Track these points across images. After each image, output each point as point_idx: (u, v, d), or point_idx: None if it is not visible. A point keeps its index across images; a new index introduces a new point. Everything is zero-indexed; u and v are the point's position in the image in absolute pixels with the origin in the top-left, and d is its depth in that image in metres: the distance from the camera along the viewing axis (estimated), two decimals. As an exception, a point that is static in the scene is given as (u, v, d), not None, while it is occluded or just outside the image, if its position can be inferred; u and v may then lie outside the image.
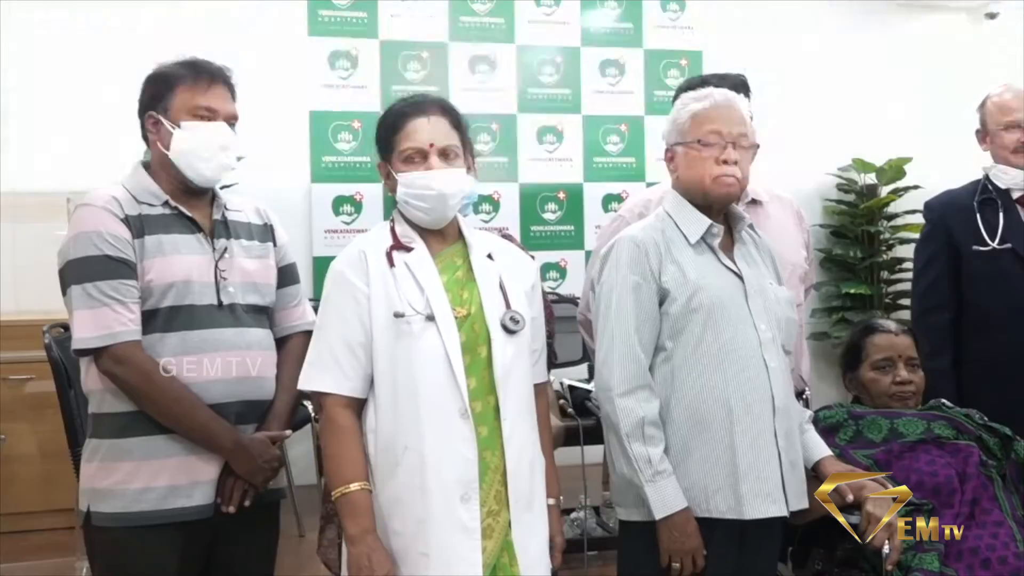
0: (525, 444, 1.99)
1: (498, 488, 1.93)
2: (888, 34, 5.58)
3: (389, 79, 4.94)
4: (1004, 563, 2.17)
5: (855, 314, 5.08)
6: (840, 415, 2.52)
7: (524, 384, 2.02)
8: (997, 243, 2.70)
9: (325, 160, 4.90)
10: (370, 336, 1.92)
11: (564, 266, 5.13)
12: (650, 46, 5.30)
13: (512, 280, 2.05)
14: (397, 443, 1.90)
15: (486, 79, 5.06)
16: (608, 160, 5.22)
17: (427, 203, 1.99)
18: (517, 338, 1.99)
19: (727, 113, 2.16)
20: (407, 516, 1.89)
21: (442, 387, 1.90)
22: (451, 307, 1.95)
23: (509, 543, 1.93)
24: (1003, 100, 2.79)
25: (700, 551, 2.03)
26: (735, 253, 2.19)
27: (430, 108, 2.03)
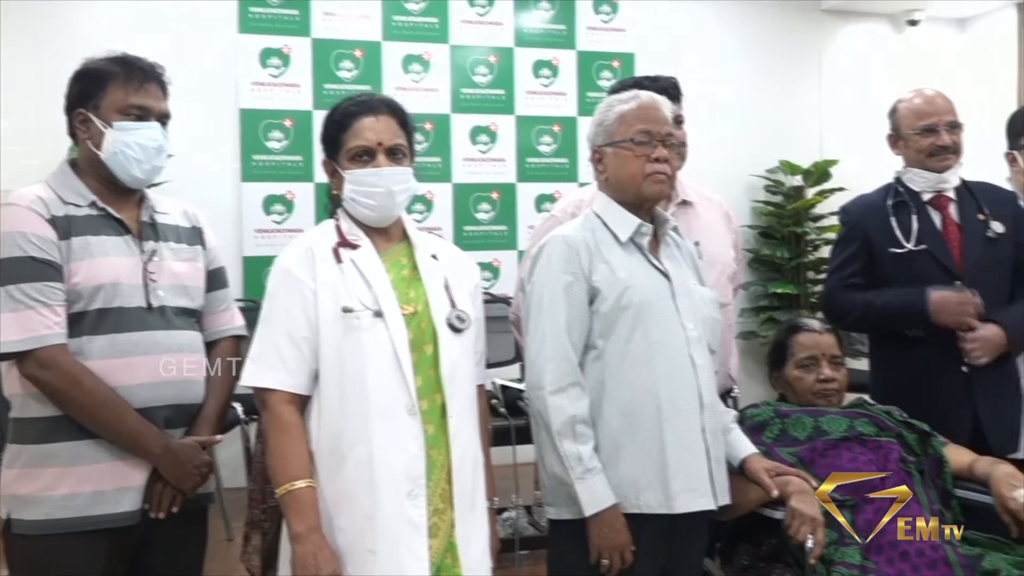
0: (469, 443, 2.01)
1: (443, 486, 1.95)
2: (815, 39, 5.70)
3: (322, 78, 4.91)
4: (922, 555, 2.23)
5: (782, 313, 5.18)
6: (766, 413, 2.57)
7: (469, 383, 2.04)
8: (913, 245, 2.77)
9: (256, 159, 4.84)
10: (316, 331, 1.92)
11: (497, 266, 5.14)
12: (583, 48, 5.34)
13: (456, 280, 2.07)
14: (344, 439, 1.90)
15: (419, 79, 5.05)
16: (541, 160, 5.25)
17: (375, 200, 2.01)
18: (462, 337, 2.01)
19: (654, 113, 2.20)
20: (354, 513, 1.89)
21: (390, 384, 1.91)
22: (398, 304, 1.95)
23: (453, 544, 1.94)
24: (915, 105, 2.84)
25: (629, 547, 2.06)
26: (661, 254, 2.23)
27: (378, 107, 2.04)
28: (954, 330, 2.69)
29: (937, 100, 2.83)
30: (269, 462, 1.93)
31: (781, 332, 2.78)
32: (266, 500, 2.04)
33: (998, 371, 2.76)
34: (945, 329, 2.69)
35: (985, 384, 2.72)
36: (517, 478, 3.32)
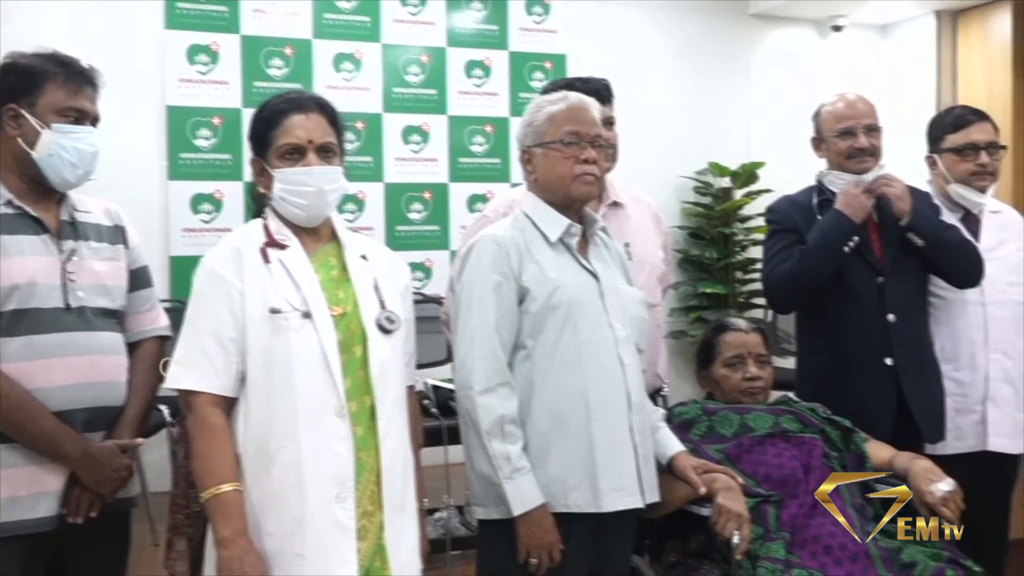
0: (399, 445, 1.99)
1: (372, 489, 1.93)
2: (743, 43, 5.78)
3: (251, 75, 4.84)
4: (844, 549, 2.28)
5: (711, 313, 5.25)
6: (694, 411, 2.61)
7: (398, 385, 2.03)
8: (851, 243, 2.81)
9: (183, 157, 4.76)
10: (243, 332, 1.89)
11: (429, 266, 5.13)
12: (515, 48, 5.35)
13: (386, 281, 2.06)
14: (272, 442, 1.87)
15: (351, 77, 5.01)
16: (474, 161, 5.25)
17: (305, 200, 1.98)
18: (392, 338, 2.00)
19: (583, 114, 2.22)
20: (282, 516, 1.86)
21: (319, 385, 1.89)
22: (327, 305, 1.93)
23: (382, 546, 1.93)
24: (836, 109, 2.90)
25: (557, 546, 2.07)
26: (590, 254, 2.25)
27: (309, 105, 2.02)
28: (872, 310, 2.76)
29: (857, 104, 2.89)
30: (194, 466, 1.90)
31: (708, 332, 2.82)
32: (190, 505, 2.00)
33: (921, 363, 2.84)
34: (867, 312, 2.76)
35: (910, 376, 2.78)
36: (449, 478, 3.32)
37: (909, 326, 2.82)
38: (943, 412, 2.87)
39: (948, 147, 3.04)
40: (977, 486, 2.71)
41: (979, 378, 2.95)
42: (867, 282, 2.80)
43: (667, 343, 4.94)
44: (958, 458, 2.88)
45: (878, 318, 2.78)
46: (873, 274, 2.81)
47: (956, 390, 2.93)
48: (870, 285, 2.80)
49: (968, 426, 2.95)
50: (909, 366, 2.78)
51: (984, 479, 2.91)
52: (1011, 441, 3.00)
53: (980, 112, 3.10)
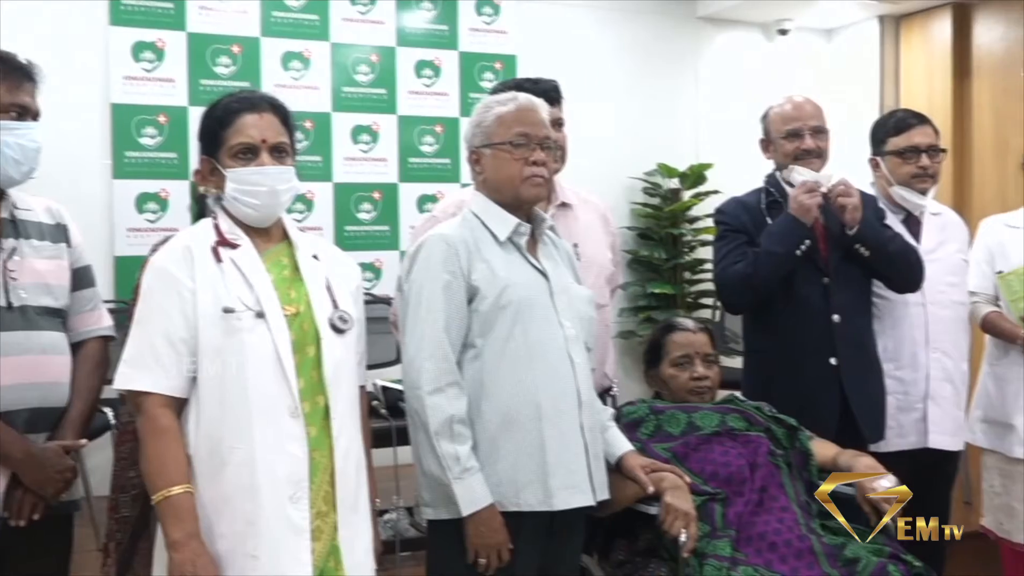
0: (352, 445, 1.99)
1: (326, 489, 1.92)
2: (691, 46, 5.84)
3: (198, 73, 4.78)
4: (789, 545, 2.32)
5: (660, 313, 5.29)
6: (642, 411, 2.63)
7: (351, 385, 2.02)
8: None
9: (128, 155, 4.69)
10: (195, 332, 1.87)
11: (379, 266, 5.11)
12: (465, 48, 5.35)
13: (338, 281, 2.05)
14: (224, 443, 1.85)
15: (300, 76, 4.98)
16: (423, 161, 5.24)
17: (258, 200, 1.97)
18: (345, 338, 1.99)
19: (532, 116, 2.23)
20: (235, 517, 1.85)
21: (272, 385, 1.88)
22: (280, 305, 1.92)
23: (336, 547, 1.92)
24: (783, 111, 2.94)
25: (506, 546, 2.07)
26: (539, 253, 2.26)
27: (262, 105, 2.01)
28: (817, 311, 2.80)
29: (804, 106, 2.93)
30: (144, 468, 1.88)
31: (656, 331, 2.85)
32: (119, 510, 1.98)
33: (864, 363, 2.89)
34: (813, 312, 2.80)
35: (852, 375, 2.83)
36: (398, 479, 3.30)
37: (853, 327, 2.87)
38: (883, 412, 2.93)
39: (890, 150, 3.10)
40: (918, 482, 2.76)
41: (920, 377, 3.02)
42: (813, 283, 2.84)
43: (616, 343, 4.98)
44: (900, 455, 2.95)
45: (823, 318, 2.83)
46: (819, 275, 2.85)
47: (898, 389, 2.99)
48: (816, 286, 2.84)
49: (910, 424, 3.02)
50: (852, 366, 2.83)
51: (925, 475, 2.97)
52: (951, 438, 3.07)
53: (921, 116, 3.16)
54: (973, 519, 3.44)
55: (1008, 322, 3.15)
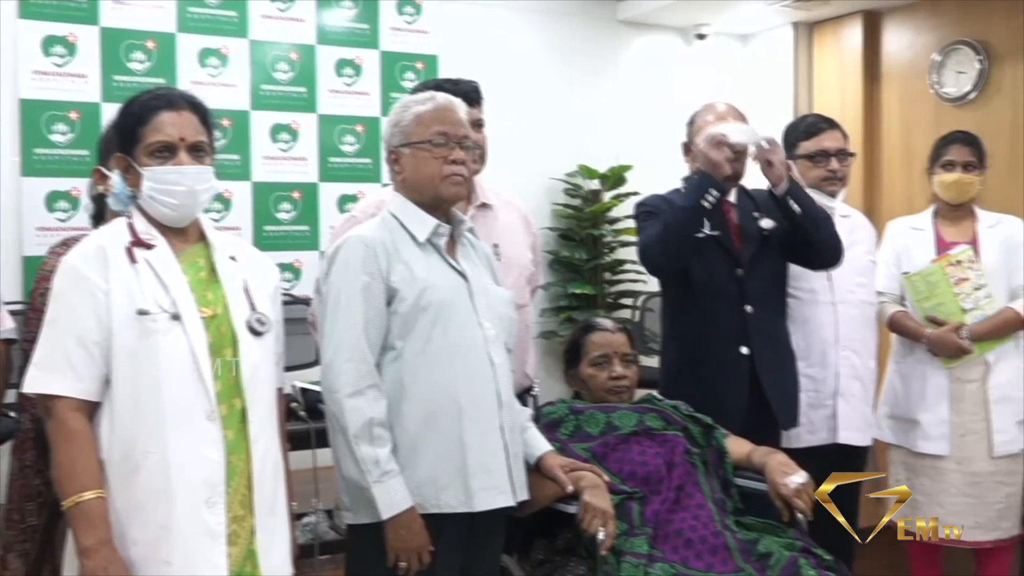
0: (270, 448, 1.97)
1: (243, 493, 1.90)
2: (611, 48, 5.89)
3: (111, 69, 4.66)
4: (704, 542, 2.37)
5: (581, 313, 5.32)
6: (561, 411, 2.66)
7: (269, 387, 2.01)
8: (708, 230, 2.87)
9: (38, 152, 4.55)
10: (108, 335, 1.83)
11: (299, 267, 5.05)
12: (386, 48, 5.31)
13: (256, 282, 2.03)
14: (138, 447, 1.82)
15: (217, 73, 4.89)
16: (344, 160, 5.19)
17: (176, 199, 1.93)
18: (263, 340, 1.98)
19: (450, 115, 2.24)
20: (148, 523, 1.82)
21: (188, 389, 1.85)
22: (197, 307, 1.89)
23: (252, 551, 1.91)
24: (709, 122, 2.91)
25: (427, 548, 2.08)
26: (458, 254, 2.26)
27: (180, 103, 1.98)
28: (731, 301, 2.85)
29: (727, 117, 2.94)
30: (55, 473, 1.84)
31: (576, 332, 2.88)
32: (25, 519, 1.92)
33: (777, 352, 2.96)
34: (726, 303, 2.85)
35: (766, 364, 2.89)
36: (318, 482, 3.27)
37: (766, 317, 2.93)
38: (796, 400, 3.00)
39: (801, 153, 3.18)
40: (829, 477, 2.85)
41: (830, 374, 3.10)
42: (727, 273, 2.89)
43: (538, 343, 5.01)
44: (811, 451, 3.03)
45: (737, 309, 2.88)
46: (733, 266, 2.90)
47: (809, 386, 3.07)
48: (730, 277, 2.89)
49: (820, 420, 3.10)
50: (765, 355, 2.89)
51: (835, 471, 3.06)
52: (860, 434, 3.17)
53: (831, 120, 3.25)
54: (882, 512, 3.54)
55: (913, 321, 3.26)
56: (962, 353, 3.15)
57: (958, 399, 3.19)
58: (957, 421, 3.18)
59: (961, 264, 3.19)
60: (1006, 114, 5.04)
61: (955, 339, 3.13)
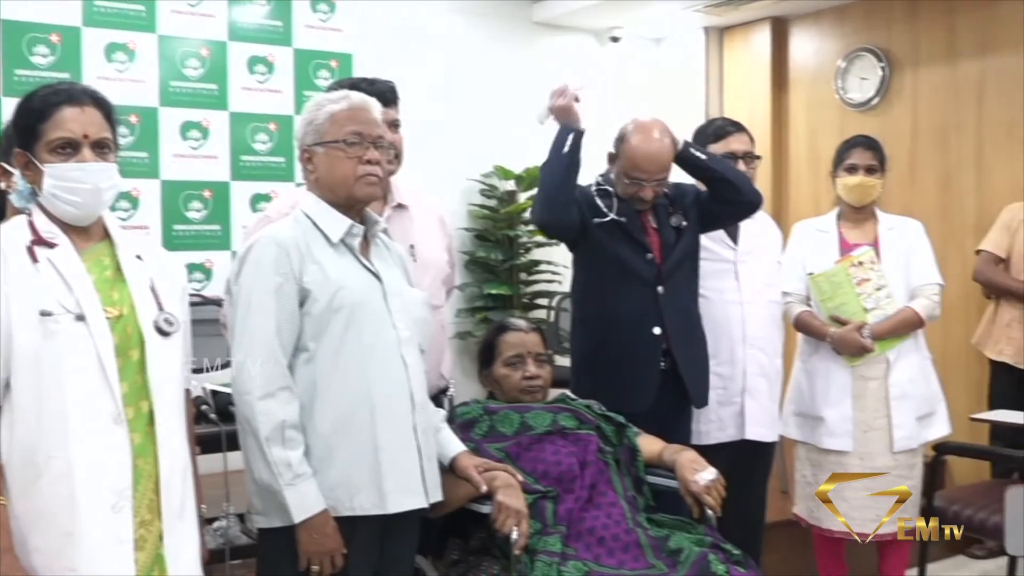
0: (178, 451, 1.93)
1: (151, 497, 1.86)
2: (526, 51, 5.92)
3: (12, 62, 4.51)
4: (617, 539, 2.40)
5: (496, 313, 5.34)
6: (475, 411, 2.67)
7: (177, 389, 1.96)
8: (615, 215, 2.96)
9: (-67, 148, 4.39)
10: (8, 336, 1.77)
11: (209, 267, 4.96)
12: (300, 46, 5.25)
13: (163, 282, 1.98)
14: (40, 452, 1.77)
15: (124, 69, 4.77)
16: (257, 159, 5.11)
17: (79, 197, 1.88)
18: (171, 341, 1.93)
19: (365, 115, 2.22)
20: (51, 530, 1.77)
21: (93, 392, 1.80)
22: (102, 307, 1.84)
23: (160, 556, 1.87)
24: (638, 154, 2.94)
25: (339, 551, 2.07)
26: (371, 255, 2.25)
27: (83, 98, 1.92)
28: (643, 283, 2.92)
29: (657, 159, 2.94)
30: None
31: (489, 332, 2.89)
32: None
33: (689, 331, 3.02)
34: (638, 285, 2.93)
35: (679, 342, 2.96)
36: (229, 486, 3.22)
37: (678, 298, 2.99)
38: (707, 379, 3.07)
39: (710, 156, 3.25)
40: (737, 473, 2.92)
41: (738, 372, 3.18)
42: (639, 257, 2.96)
43: (454, 344, 5.01)
44: (720, 447, 3.10)
45: (649, 290, 2.94)
46: (643, 251, 2.97)
47: (718, 383, 3.14)
48: (641, 260, 2.96)
49: (729, 417, 3.17)
50: (678, 335, 2.96)
51: (743, 467, 3.14)
52: (766, 430, 3.25)
53: (738, 123, 3.33)
54: (788, 508, 3.64)
55: (818, 321, 3.34)
56: (864, 351, 3.24)
57: (860, 396, 3.28)
58: (860, 418, 3.27)
59: (863, 265, 3.28)
60: (906, 119, 5.22)
61: (857, 338, 3.22)
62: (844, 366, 3.29)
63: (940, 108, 5.09)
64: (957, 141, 5.02)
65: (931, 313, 3.30)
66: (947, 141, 5.06)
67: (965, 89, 4.98)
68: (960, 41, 4.99)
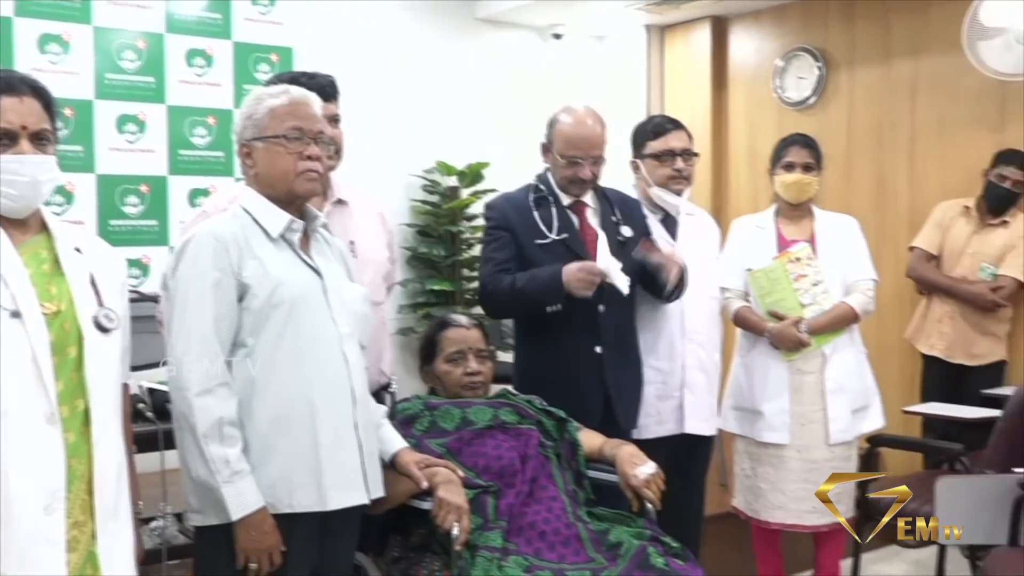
0: (113, 450, 1.89)
1: (84, 498, 1.82)
2: (470, 46, 5.91)
3: (-59, 53, 4.41)
4: (557, 533, 2.42)
5: (439, 309, 5.33)
6: (416, 407, 2.66)
7: (115, 386, 1.92)
8: (555, 235, 2.95)
9: None
10: None
11: (147, 263, 4.88)
12: (239, 39, 5.18)
13: (103, 276, 1.93)
14: None
15: (58, 60, 4.67)
16: (195, 153, 5.04)
17: (17, 190, 1.82)
18: (110, 337, 1.89)
19: (305, 109, 2.20)
20: None
21: (27, 390, 1.75)
22: (38, 302, 1.80)
23: (93, 555, 1.82)
24: (572, 134, 2.95)
25: (278, 549, 2.05)
26: (311, 250, 2.23)
27: (22, 88, 1.86)
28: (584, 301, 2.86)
29: (592, 136, 2.96)
30: None
31: (431, 328, 2.90)
32: None
33: (624, 353, 3.03)
34: (579, 303, 2.85)
35: (613, 364, 2.96)
36: (166, 485, 3.17)
37: (617, 317, 3.00)
38: (639, 402, 3.09)
39: (648, 153, 3.27)
40: (677, 467, 2.95)
41: (677, 367, 3.21)
42: None
43: (396, 340, 4.99)
44: (660, 441, 3.12)
45: (591, 308, 2.93)
46: None
47: (657, 378, 3.17)
48: None
49: (668, 411, 3.20)
50: (614, 356, 2.97)
51: (683, 460, 3.17)
52: (705, 424, 3.28)
53: (676, 121, 3.35)
54: (727, 500, 3.69)
55: (756, 316, 3.39)
56: (801, 346, 3.29)
57: (798, 390, 3.33)
58: (797, 411, 3.32)
59: (800, 261, 3.34)
60: (842, 118, 5.32)
61: (795, 332, 3.27)
62: (782, 360, 3.34)
63: (875, 107, 5.20)
64: (891, 139, 5.13)
65: (866, 308, 3.36)
66: (882, 139, 5.17)
67: (899, 89, 5.09)
68: (895, 42, 5.10)
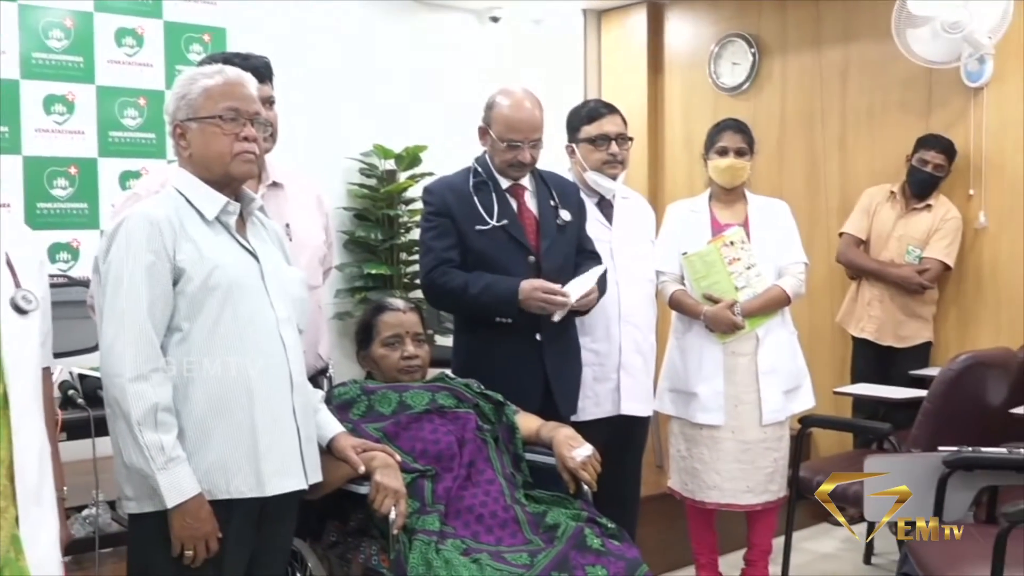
0: (34, 435, 1.84)
1: (4, 483, 1.77)
2: (406, 28, 5.87)
3: None
4: (495, 516, 2.43)
5: (376, 293, 5.29)
6: (353, 391, 2.65)
7: (34, 370, 1.87)
8: (496, 221, 2.97)
9: None
10: None
11: (76, 247, 4.76)
12: (170, 18, 5.07)
13: (20, 256, 1.88)
14: None
15: (-19, 39, 4.54)
16: (126, 135, 4.93)
17: None
18: (28, 319, 1.84)
19: (241, 90, 2.17)
20: None
21: None
22: None
23: (16, 537, 1.78)
24: (510, 117, 2.95)
25: (214, 535, 2.03)
26: (248, 233, 2.21)
27: None
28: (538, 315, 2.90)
29: (530, 119, 2.96)
30: None
31: (367, 312, 2.88)
32: None
33: (564, 340, 3.04)
34: (530, 316, 2.89)
35: (552, 351, 2.98)
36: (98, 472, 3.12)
37: None
38: (578, 389, 3.11)
39: (583, 137, 3.29)
40: (613, 449, 2.99)
41: (614, 349, 3.24)
42: (520, 260, 2.96)
43: (334, 324, 4.97)
44: (597, 423, 3.16)
45: None
46: (526, 253, 2.97)
47: (594, 360, 3.20)
48: (523, 264, 2.96)
49: (605, 393, 3.23)
50: (553, 343, 2.99)
51: (619, 442, 3.21)
52: (641, 405, 3.33)
53: (611, 105, 3.38)
54: (663, 481, 3.75)
55: (691, 299, 3.44)
56: (735, 328, 3.35)
57: (732, 372, 3.39)
58: (731, 392, 3.38)
59: (734, 245, 3.39)
60: (775, 103, 5.40)
61: (729, 315, 3.33)
62: (716, 343, 3.40)
63: (806, 93, 5.28)
64: (822, 125, 5.22)
65: (797, 291, 3.43)
66: (813, 125, 5.26)
67: (830, 75, 5.18)
68: (825, 29, 5.19)
